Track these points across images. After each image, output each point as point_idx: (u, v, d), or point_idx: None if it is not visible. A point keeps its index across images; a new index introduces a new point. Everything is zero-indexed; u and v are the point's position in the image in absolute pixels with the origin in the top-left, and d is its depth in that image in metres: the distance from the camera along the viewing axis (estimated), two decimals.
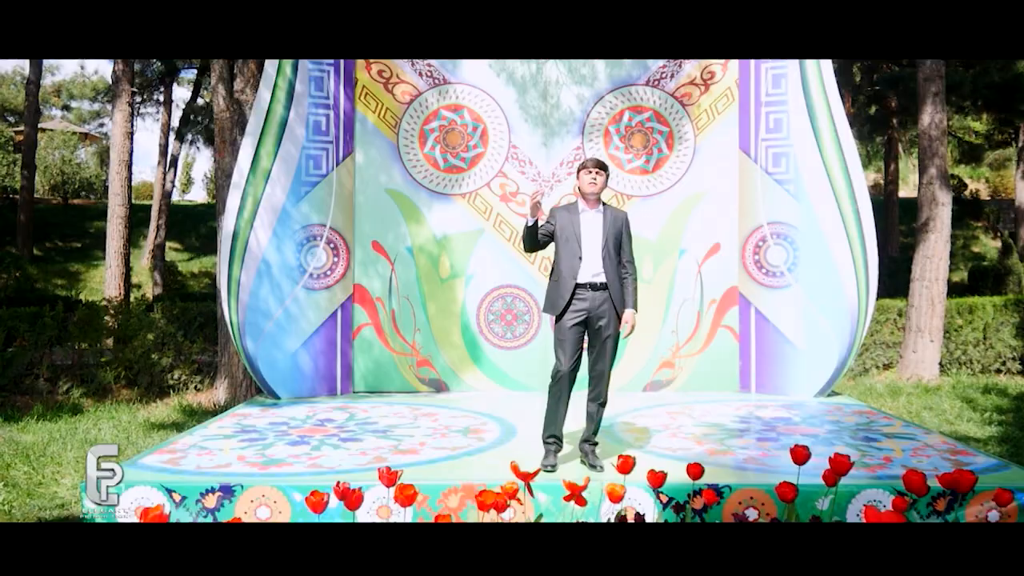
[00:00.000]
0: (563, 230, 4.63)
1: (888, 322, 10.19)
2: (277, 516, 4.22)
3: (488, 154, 7.63)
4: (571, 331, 4.60)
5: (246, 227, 7.03)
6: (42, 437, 6.48)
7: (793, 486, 3.61)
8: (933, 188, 9.73)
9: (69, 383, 8.00)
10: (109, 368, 8.06)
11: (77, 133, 32.81)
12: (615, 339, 4.67)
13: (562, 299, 4.56)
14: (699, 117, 7.56)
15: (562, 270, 4.60)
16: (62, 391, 7.98)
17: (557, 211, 4.75)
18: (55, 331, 8.05)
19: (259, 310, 7.10)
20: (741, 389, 7.49)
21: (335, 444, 5.29)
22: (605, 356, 4.66)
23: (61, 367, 8.14)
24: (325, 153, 7.36)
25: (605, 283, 4.58)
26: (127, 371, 8.13)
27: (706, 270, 7.55)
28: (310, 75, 7.28)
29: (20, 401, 7.70)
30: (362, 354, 7.60)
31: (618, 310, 4.62)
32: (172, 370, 8.26)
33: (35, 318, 8.03)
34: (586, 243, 4.59)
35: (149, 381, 8.18)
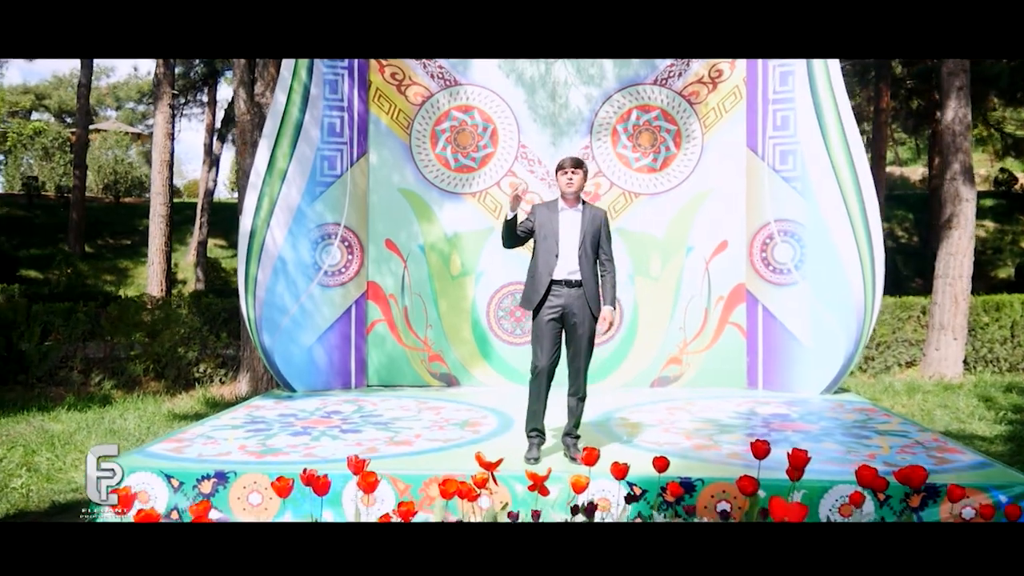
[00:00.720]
0: (542, 227, 4.74)
1: (911, 319, 10.09)
2: (268, 503, 4.45)
3: (498, 154, 7.78)
4: (548, 327, 4.72)
5: (263, 226, 7.29)
6: (70, 426, 6.83)
7: (754, 479, 3.70)
8: (957, 184, 9.60)
9: (101, 375, 8.38)
10: (138, 361, 8.42)
11: (129, 133, 33.77)
12: (590, 336, 4.78)
13: (537, 295, 4.69)
14: (707, 115, 7.61)
15: (539, 266, 4.73)
16: (94, 383, 8.37)
17: (537, 208, 4.87)
18: (88, 326, 8.44)
19: (275, 306, 7.36)
20: (748, 386, 7.53)
21: (334, 435, 5.50)
22: (581, 352, 4.77)
23: (93, 360, 8.53)
24: (339, 154, 7.59)
25: (580, 281, 4.70)
26: (155, 364, 8.48)
27: (714, 267, 7.60)
28: (324, 78, 7.51)
29: (54, 392, 8.10)
30: (375, 349, 7.82)
31: (592, 308, 4.73)
32: (198, 363, 8.60)
33: (69, 313, 8.43)
34: (563, 241, 4.70)
35: (176, 374, 8.53)
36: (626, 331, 7.70)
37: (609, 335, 4.78)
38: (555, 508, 4.14)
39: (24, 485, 5.07)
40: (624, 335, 7.71)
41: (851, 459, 4.76)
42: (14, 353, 8.26)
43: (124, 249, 24.13)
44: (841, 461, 4.73)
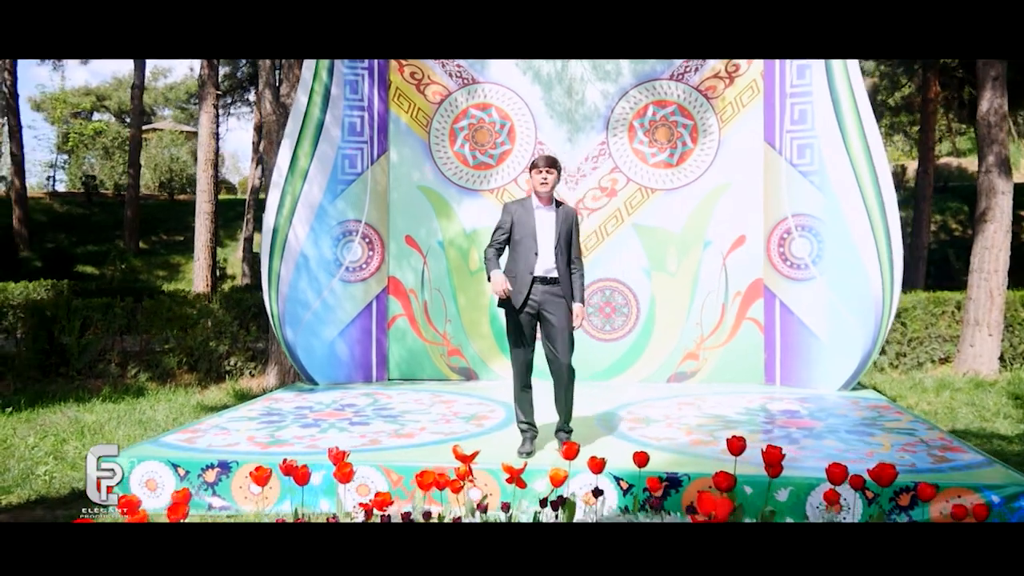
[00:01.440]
0: (519, 227, 4.81)
1: (945, 315, 9.87)
2: (268, 491, 4.61)
3: (515, 151, 7.86)
4: (524, 322, 4.80)
5: (285, 223, 7.49)
6: (102, 417, 7.12)
7: (730, 475, 3.73)
8: (992, 176, 9.36)
9: (137, 368, 8.71)
10: (172, 355, 8.73)
11: (184, 132, 34.67)
12: (568, 327, 4.83)
13: (520, 294, 4.76)
14: (724, 110, 7.57)
15: (519, 266, 4.79)
16: (130, 375, 8.70)
17: (511, 207, 4.93)
18: (124, 320, 8.78)
19: (298, 301, 7.56)
20: (766, 382, 7.49)
21: (342, 427, 5.66)
22: (560, 346, 4.83)
23: (130, 353, 8.86)
24: (360, 153, 7.75)
25: (557, 278, 4.77)
26: (188, 357, 8.78)
27: (731, 262, 7.57)
28: (345, 79, 7.67)
29: (93, 384, 8.45)
30: (396, 343, 7.97)
31: (568, 301, 4.80)
32: (228, 357, 8.87)
33: (107, 308, 8.78)
34: (541, 239, 4.77)
35: (208, 367, 8.82)
36: (643, 326, 7.73)
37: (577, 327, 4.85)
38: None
39: (48, 472, 5.33)
40: (641, 330, 7.73)
41: (847, 457, 4.73)
42: (56, 346, 8.64)
43: (176, 245, 24.81)
44: (836, 459, 4.69)
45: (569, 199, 7.75)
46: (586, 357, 7.75)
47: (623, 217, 7.70)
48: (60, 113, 36.26)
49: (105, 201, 28.10)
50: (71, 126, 36.40)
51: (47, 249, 21.03)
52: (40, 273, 17.55)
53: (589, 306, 7.76)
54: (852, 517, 4.23)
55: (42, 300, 8.77)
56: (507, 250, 4.94)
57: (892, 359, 9.73)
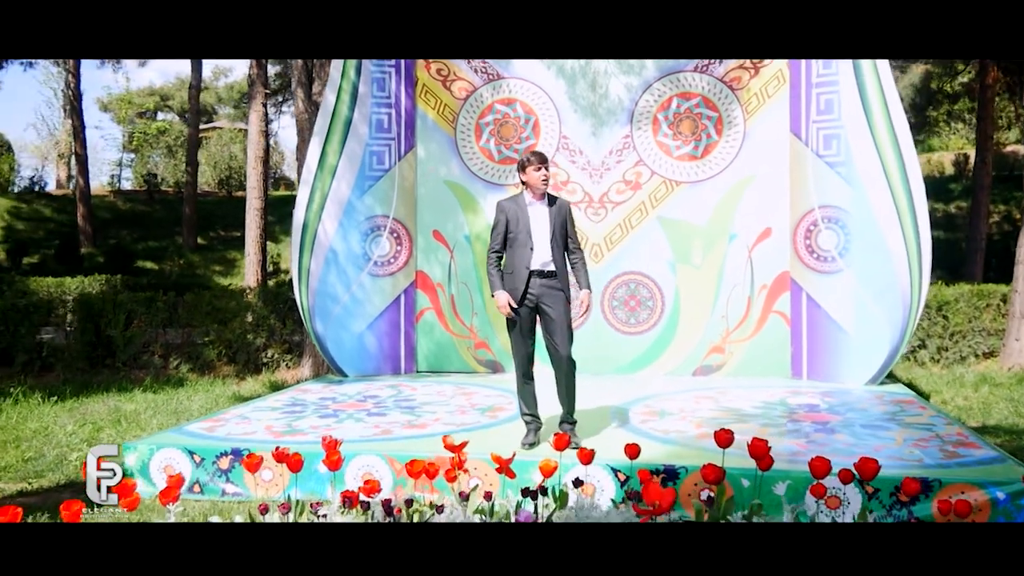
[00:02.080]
0: (513, 225, 4.86)
1: (990, 308, 9.58)
2: (278, 478, 4.77)
3: (540, 145, 7.89)
4: (524, 315, 4.85)
5: (315, 219, 7.67)
6: (141, 406, 7.42)
7: (718, 468, 3.74)
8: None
9: (178, 360, 9.04)
10: (212, 347, 9.03)
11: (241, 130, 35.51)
12: (567, 319, 4.87)
13: (518, 290, 4.81)
14: (749, 101, 7.49)
15: (515, 261, 4.84)
16: (173, 366, 9.03)
17: (505, 204, 4.97)
18: (166, 314, 9.11)
19: (327, 295, 7.74)
20: (793, 375, 7.41)
21: (359, 418, 5.80)
22: (560, 338, 4.86)
23: (172, 345, 9.20)
24: (387, 149, 7.89)
25: (554, 271, 4.81)
26: (227, 350, 9.07)
27: (757, 255, 7.49)
28: (372, 77, 7.81)
29: (136, 375, 8.79)
30: (424, 336, 8.11)
31: (565, 293, 4.83)
32: (265, 349, 9.13)
33: (150, 302, 9.12)
34: (536, 234, 4.81)
35: (246, 359, 9.09)
36: (668, 320, 7.71)
37: (584, 318, 4.90)
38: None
39: (79, 458, 5.59)
40: (666, 324, 7.71)
41: (854, 451, 4.68)
42: (103, 339, 9.01)
43: (233, 241, 25.46)
44: (842, 453, 4.66)
45: (593, 193, 7.77)
46: (611, 350, 7.80)
47: (648, 210, 7.68)
48: (125, 113, 37.49)
49: (166, 198, 28.99)
50: (136, 126, 37.63)
51: (109, 245, 21.80)
52: (102, 268, 18.25)
53: (614, 299, 7.77)
54: (851, 512, 4.20)
55: (90, 294, 9.15)
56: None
57: (933, 353, 9.50)
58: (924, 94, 23.84)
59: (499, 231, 4.93)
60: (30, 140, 41.81)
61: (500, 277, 4.92)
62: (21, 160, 38.95)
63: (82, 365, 8.95)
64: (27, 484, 5.04)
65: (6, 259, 19.69)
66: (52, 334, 9.22)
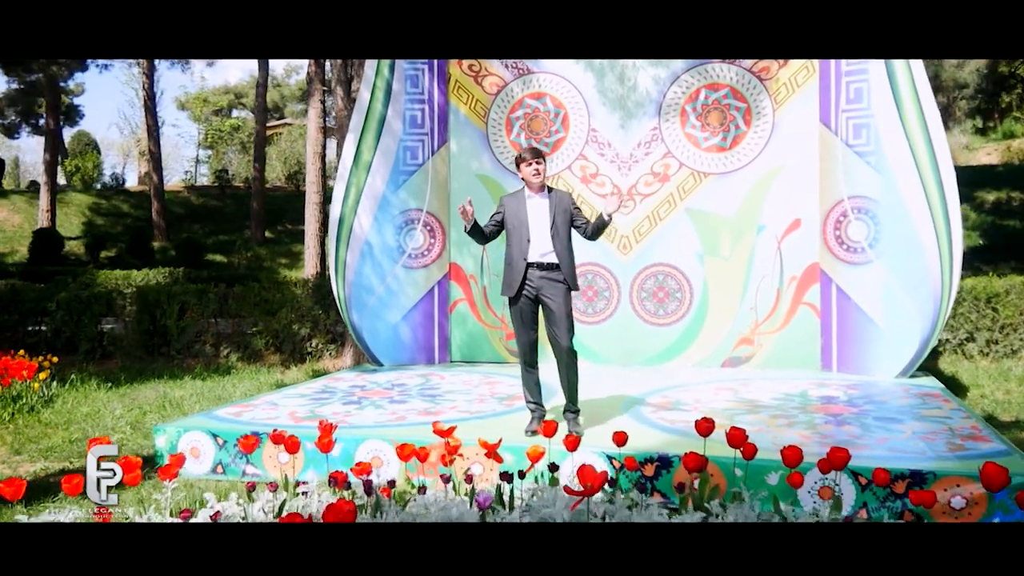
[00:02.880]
0: (511, 218, 4.98)
1: None
2: (294, 461, 5.00)
3: (569, 138, 7.99)
4: (525, 307, 4.96)
5: (350, 213, 7.93)
6: (188, 392, 7.81)
7: (700, 456, 3.82)
8: None
9: (228, 349, 9.45)
10: (260, 336, 9.42)
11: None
12: (567, 310, 4.95)
13: (516, 281, 4.93)
14: (778, 91, 7.43)
15: (513, 254, 4.96)
16: (223, 355, 9.44)
17: (505, 199, 5.10)
18: (217, 305, 9.53)
19: (363, 286, 8.00)
20: (823, 368, 7.34)
21: (379, 405, 6.02)
22: (560, 329, 4.96)
23: (223, 335, 9.62)
24: (421, 144, 8.09)
25: (554, 263, 4.90)
26: (274, 339, 9.44)
27: (786, 246, 7.44)
28: (406, 74, 8.01)
29: (188, 363, 9.24)
30: (457, 327, 8.30)
31: (570, 283, 4.92)
32: (310, 339, 9.47)
33: (201, 294, 9.56)
34: (533, 226, 4.91)
35: (292, 348, 9.44)
36: (696, 311, 7.72)
37: (620, 203, 4.95)
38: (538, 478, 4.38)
39: (120, 439, 5.97)
40: (694, 315, 7.73)
41: (857, 443, 4.68)
42: (158, 328, 9.49)
43: (299, 234, 26.12)
44: (847, 444, 4.63)
45: (622, 185, 7.82)
46: (639, 342, 7.86)
47: (676, 202, 7.70)
48: (200, 112, 38.87)
49: (237, 194, 29.98)
50: (211, 123, 38.98)
51: (181, 239, 22.71)
52: (174, 262, 19.07)
53: (643, 291, 7.83)
54: (844, 504, 4.20)
55: (147, 286, 9.64)
56: (504, 237, 5.14)
57: (982, 347, 9.22)
58: (991, 79, 22.88)
59: (493, 219, 5.08)
60: (113, 139, 43.69)
61: (477, 225, 5.01)
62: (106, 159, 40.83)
63: (139, 353, 9.45)
64: (69, 463, 5.40)
65: (85, 253, 20.70)
66: (113, 324, 9.74)
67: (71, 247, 21.33)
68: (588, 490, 2.57)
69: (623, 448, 4.23)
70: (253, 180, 24.63)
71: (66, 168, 33.02)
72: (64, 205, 24.81)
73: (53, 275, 12.67)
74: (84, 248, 20.95)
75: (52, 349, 9.22)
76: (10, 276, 12.62)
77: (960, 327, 9.12)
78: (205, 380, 8.42)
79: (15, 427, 6.36)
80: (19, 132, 35.85)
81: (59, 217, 23.01)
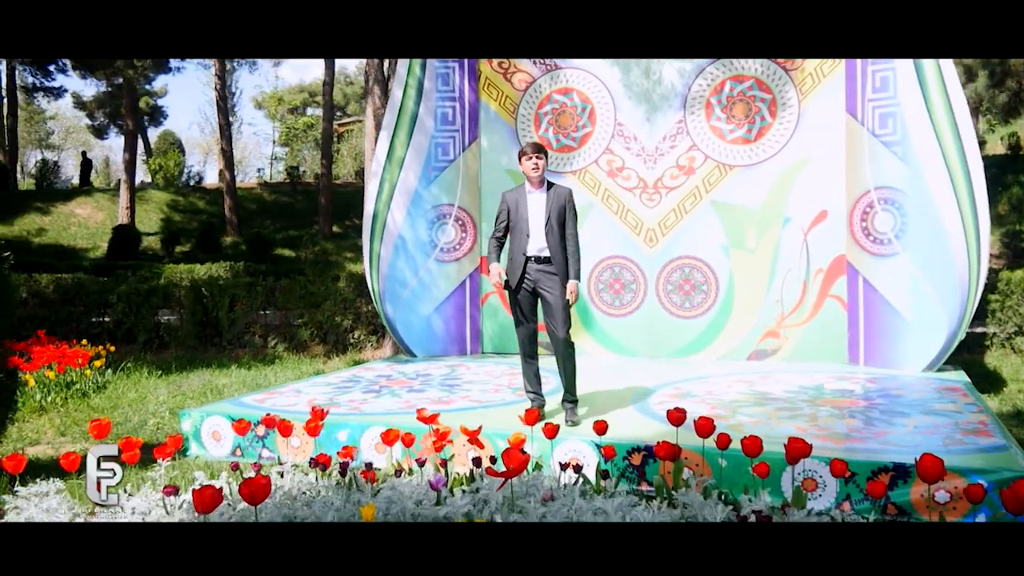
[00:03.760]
0: (513, 213, 5.11)
1: None
2: (305, 445, 5.28)
3: (596, 133, 8.07)
4: (523, 299, 5.10)
5: (384, 208, 8.19)
6: (232, 381, 8.20)
7: (672, 445, 3.91)
8: None
9: (276, 339, 9.85)
10: (305, 328, 9.79)
11: None
12: (564, 304, 5.06)
13: (515, 275, 5.07)
14: (803, 81, 7.35)
15: (514, 248, 5.11)
16: (271, 346, 9.85)
17: (506, 195, 5.23)
18: (264, 297, 9.95)
19: (397, 280, 8.25)
20: (850, 361, 7.25)
21: (397, 394, 6.25)
22: (556, 321, 5.08)
23: (271, 326, 10.03)
24: (452, 141, 8.29)
25: (549, 257, 5.02)
26: (318, 330, 9.81)
27: (812, 239, 7.37)
28: (437, 72, 8.22)
29: (237, 353, 9.67)
30: (489, 319, 8.48)
31: (561, 277, 5.03)
32: (352, 330, 9.79)
33: (251, 287, 9.98)
34: (532, 221, 5.04)
35: (335, 339, 9.79)
36: (722, 304, 7.71)
37: (572, 304, 5.13)
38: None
39: (156, 423, 6.36)
40: (720, 308, 7.72)
41: (852, 436, 4.68)
42: (211, 319, 9.96)
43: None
44: (838, 437, 4.65)
45: (648, 178, 7.86)
46: (665, 334, 7.89)
47: (701, 195, 7.70)
48: (275, 110, 40.05)
49: (308, 190, 30.78)
50: (286, 121, 40.13)
51: (251, 234, 23.48)
52: (244, 256, 19.80)
53: (668, 284, 7.85)
54: (827, 496, 4.22)
55: (199, 279, 10.12)
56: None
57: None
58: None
59: (500, 220, 5.22)
60: (195, 138, 45.45)
61: (497, 256, 5.20)
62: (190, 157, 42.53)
63: (193, 343, 9.94)
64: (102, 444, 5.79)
65: (161, 248, 21.66)
66: (169, 316, 10.27)
67: (148, 243, 22.34)
68: (510, 472, 2.70)
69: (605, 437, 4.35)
70: (321, 176, 25.29)
71: (150, 166, 34.48)
72: (144, 202, 25.96)
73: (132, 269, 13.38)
74: (160, 243, 21.91)
75: (113, 339, 9.79)
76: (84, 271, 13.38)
77: (1008, 320, 8.84)
78: (250, 369, 8.81)
79: (65, 411, 6.82)
80: (108, 133, 37.75)
81: (138, 214, 24.10)
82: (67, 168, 45.92)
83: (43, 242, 22.51)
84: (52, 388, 7.16)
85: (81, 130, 42.89)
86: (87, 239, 23.09)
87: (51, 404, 6.94)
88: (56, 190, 29.81)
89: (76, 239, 23.23)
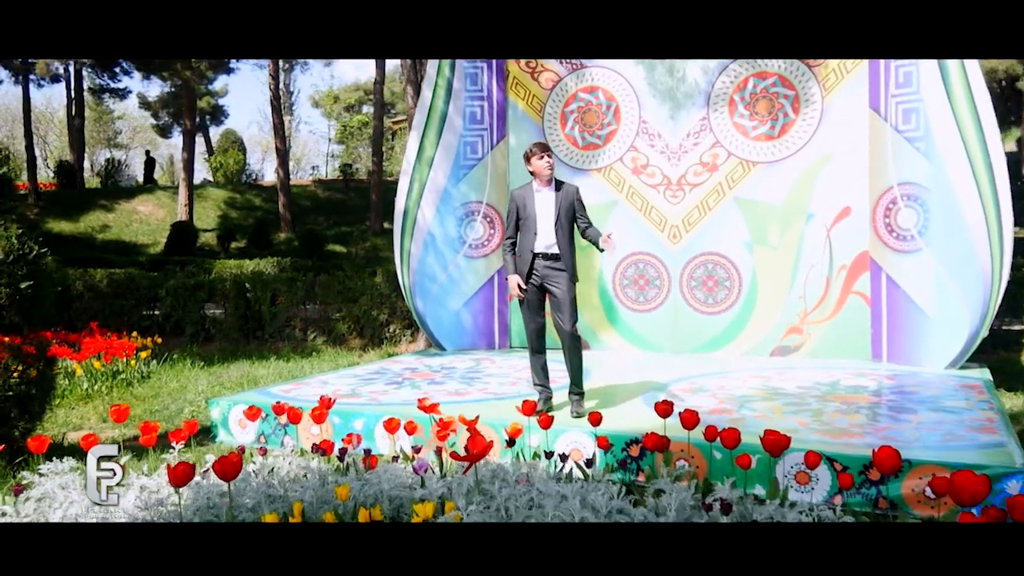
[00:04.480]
0: (523, 211, 5.26)
1: None
2: (325, 431, 5.51)
3: (620, 130, 8.16)
4: (532, 294, 5.25)
5: (414, 206, 8.41)
6: (268, 372, 8.53)
7: (660, 436, 4.04)
8: None
9: (315, 333, 10.19)
10: (343, 321, 10.10)
11: None
12: (571, 299, 5.20)
13: (523, 271, 5.23)
14: (826, 77, 7.33)
15: (523, 245, 5.26)
16: (310, 339, 10.20)
17: (515, 193, 5.37)
18: (304, 292, 10.29)
19: (426, 275, 8.48)
20: (873, 358, 7.22)
21: (416, 385, 6.46)
22: (563, 315, 5.22)
23: (310, 320, 10.37)
24: (480, 139, 8.48)
25: (557, 254, 5.16)
26: (356, 324, 10.11)
27: (835, 235, 7.35)
28: (466, 72, 8.41)
29: (277, 346, 10.03)
30: (516, 314, 8.62)
31: (569, 273, 5.16)
32: (388, 324, 10.07)
33: (291, 282, 10.34)
34: (540, 219, 5.19)
35: (372, 333, 10.08)
36: (745, 300, 7.75)
37: (611, 244, 5.23)
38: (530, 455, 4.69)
39: (191, 412, 6.69)
40: (743, 304, 7.76)
41: (853, 431, 4.72)
42: (253, 313, 10.34)
43: None
44: (838, 432, 4.70)
45: (671, 175, 7.93)
46: (688, 330, 7.96)
47: (724, 191, 7.74)
48: (331, 109, 40.82)
49: (360, 187, 31.36)
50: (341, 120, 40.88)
51: (304, 230, 24.08)
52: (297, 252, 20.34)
53: (692, 279, 7.92)
54: (820, 489, 4.28)
55: (242, 274, 10.52)
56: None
57: None
58: None
59: (511, 220, 5.38)
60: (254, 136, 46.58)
61: (514, 262, 5.37)
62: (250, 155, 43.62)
63: (236, 336, 10.34)
64: (138, 431, 6.13)
65: (217, 244, 22.37)
66: (215, 309, 10.69)
67: (205, 239, 23.10)
68: (472, 456, 2.87)
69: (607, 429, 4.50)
70: (371, 173, 25.77)
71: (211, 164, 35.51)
72: (202, 199, 26.82)
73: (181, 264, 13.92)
74: (216, 239, 22.62)
75: (162, 332, 10.24)
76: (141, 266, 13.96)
77: None
78: (288, 361, 9.14)
79: (110, 399, 7.21)
80: (172, 132, 38.95)
81: (197, 211, 24.92)
82: (133, 167, 47.51)
83: (106, 238, 23.45)
84: (98, 377, 7.57)
85: (147, 130, 44.28)
86: (148, 235, 23.97)
87: (96, 392, 7.34)
88: (120, 188, 30.95)
89: (137, 235, 24.13)
